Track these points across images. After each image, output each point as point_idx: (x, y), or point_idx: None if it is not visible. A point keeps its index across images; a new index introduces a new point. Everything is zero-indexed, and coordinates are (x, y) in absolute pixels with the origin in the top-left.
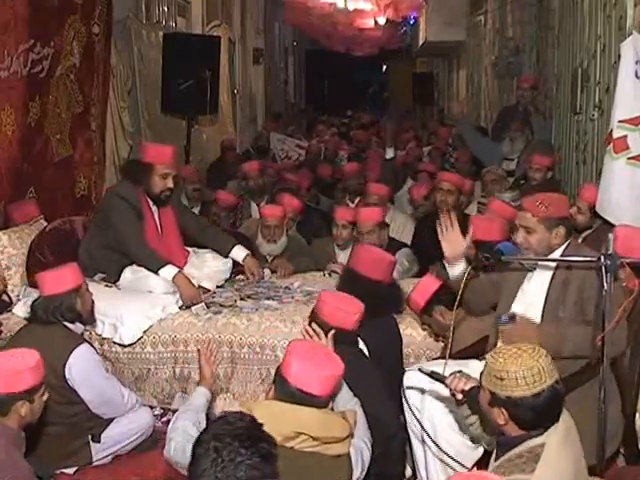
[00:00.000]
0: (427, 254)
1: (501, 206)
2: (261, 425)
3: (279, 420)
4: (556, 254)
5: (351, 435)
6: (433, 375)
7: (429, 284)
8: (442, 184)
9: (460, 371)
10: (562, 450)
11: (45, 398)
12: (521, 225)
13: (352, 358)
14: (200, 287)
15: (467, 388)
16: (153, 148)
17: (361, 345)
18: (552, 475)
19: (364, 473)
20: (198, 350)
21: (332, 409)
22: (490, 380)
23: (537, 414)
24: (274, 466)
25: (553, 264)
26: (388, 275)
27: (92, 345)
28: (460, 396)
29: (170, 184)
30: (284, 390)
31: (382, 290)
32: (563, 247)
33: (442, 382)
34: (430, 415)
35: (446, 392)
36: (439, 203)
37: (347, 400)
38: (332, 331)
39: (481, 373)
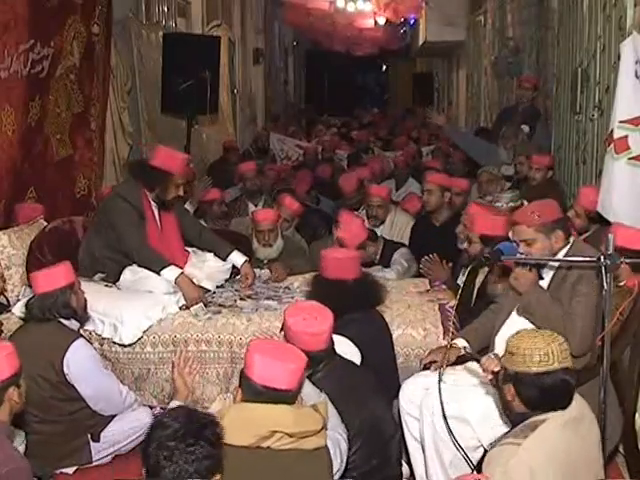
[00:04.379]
0: (424, 253)
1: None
2: (195, 409)
3: (252, 422)
4: (560, 255)
5: (325, 427)
6: (471, 354)
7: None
8: (425, 185)
9: (496, 354)
10: (564, 430)
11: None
12: (520, 240)
13: (338, 371)
14: (200, 287)
15: (497, 370)
16: (168, 155)
17: (349, 343)
18: (542, 447)
19: (343, 465)
20: (172, 362)
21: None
22: (504, 356)
23: (541, 393)
24: (222, 441)
25: (555, 266)
26: (352, 271)
27: (88, 340)
28: (490, 377)
29: (181, 192)
30: (251, 390)
31: (349, 286)
32: (567, 247)
33: (477, 361)
34: (430, 419)
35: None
36: (424, 203)
37: (315, 398)
38: None
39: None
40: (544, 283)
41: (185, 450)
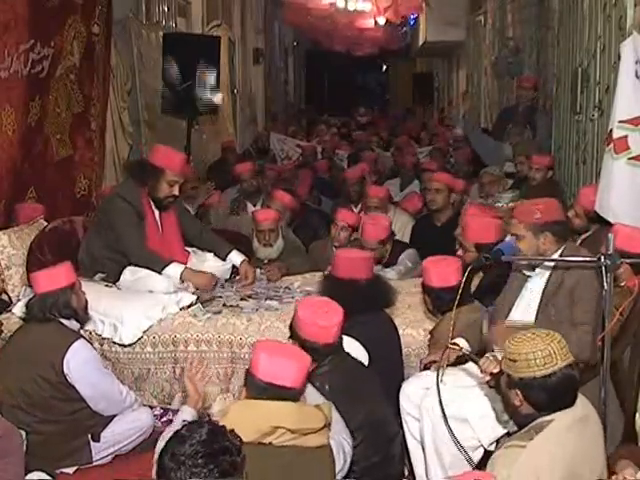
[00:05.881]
0: (425, 253)
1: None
2: (222, 432)
3: (254, 417)
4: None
5: (328, 425)
6: (469, 356)
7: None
8: (431, 184)
9: (494, 355)
10: (570, 432)
11: None
12: (512, 233)
13: (344, 367)
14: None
15: (496, 371)
16: (165, 152)
17: (357, 345)
18: (547, 449)
19: (347, 466)
20: (182, 369)
21: None
22: (506, 363)
23: (549, 395)
24: (238, 474)
25: (551, 266)
26: (364, 272)
27: (89, 340)
28: (488, 378)
29: (176, 192)
30: (255, 387)
31: (360, 287)
32: (560, 251)
33: (476, 363)
34: (429, 419)
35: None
36: (429, 202)
37: (318, 401)
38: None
39: (502, 358)
40: (537, 286)
41: (191, 470)
